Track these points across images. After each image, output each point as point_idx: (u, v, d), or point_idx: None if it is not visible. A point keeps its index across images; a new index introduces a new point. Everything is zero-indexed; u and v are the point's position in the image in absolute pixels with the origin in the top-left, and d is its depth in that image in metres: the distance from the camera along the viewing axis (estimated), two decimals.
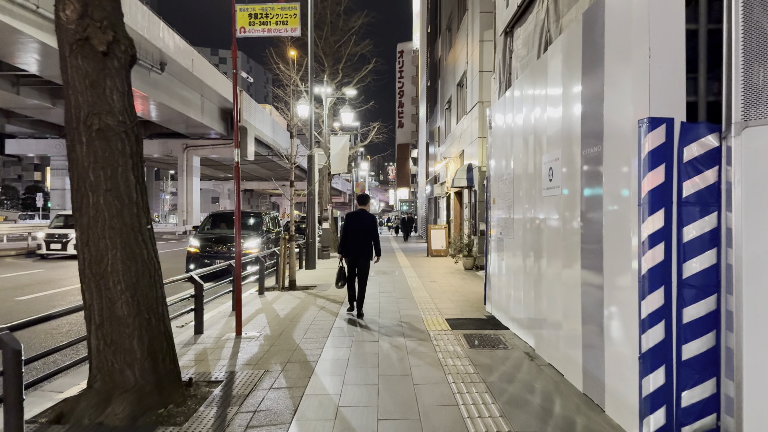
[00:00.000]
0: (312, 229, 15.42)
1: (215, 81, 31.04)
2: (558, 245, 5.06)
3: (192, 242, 14.14)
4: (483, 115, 14.47)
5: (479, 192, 14.52)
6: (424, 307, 8.75)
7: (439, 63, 25.69)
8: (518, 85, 6.64)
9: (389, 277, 13.10)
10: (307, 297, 9.99)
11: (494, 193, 7.89)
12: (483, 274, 13.45)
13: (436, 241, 19.41)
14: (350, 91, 19.83)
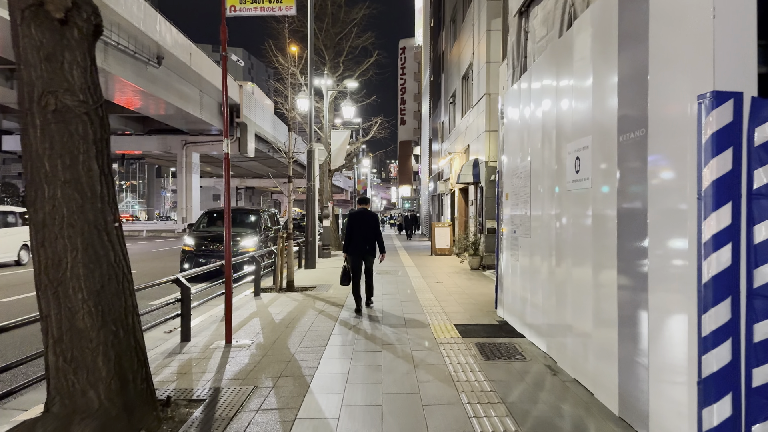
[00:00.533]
0: (312, 226, 14.82)
1: (214, 76, 30.42)
2: (587, 245, 4.45)
3: (186, 241, 13.55)
4: (490, 108, 13.85)
5: (486, 188, 13.91)
6: (431, 310, 8.15)
7: (442, 57, 25.05)
8: (536, 69, 6.02)
9: (392, 277, 12.49)
10: (306, 299, 9.40)
11: (507, 188, 7.27)
12: (491, 274, 12.87)
13: (440, 240, 18.80)
14: (351, 83, 19.20)
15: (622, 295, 3.80)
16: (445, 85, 23.39)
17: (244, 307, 8.72)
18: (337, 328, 6.92)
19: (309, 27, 14.48)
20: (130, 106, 28.75)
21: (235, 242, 13.36)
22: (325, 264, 15.89)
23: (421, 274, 13.11)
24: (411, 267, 14.79)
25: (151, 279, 13.00)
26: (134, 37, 22.01)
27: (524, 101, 6.44)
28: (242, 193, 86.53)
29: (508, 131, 7.34)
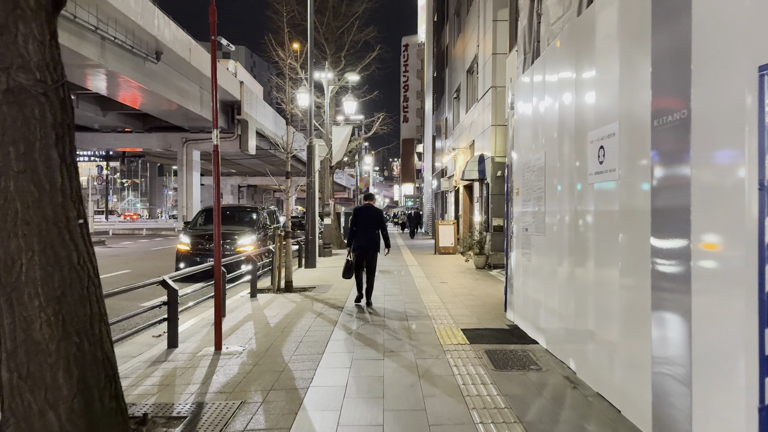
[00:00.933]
0: (312, 225, 14.36)
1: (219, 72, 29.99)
2: (613, 243, 3.98)
3: (182, 239, 13.11)
4: (496, 102, 13.37)
5: (492, 184, 13.42)
6: (436, 313, 7.68)
7: (446, 51, 24.56)
8: (551, 53, 5.55)
9: (395, 277, 12.03)
10: (304, 301, 8.94)
11: (518, 183, 6.80)
12: (497, 273, 12.40)
13: (444, 238, 18.33)
14: (353, 76, 18.73)
15: (658, 299, 3.32)
16: (449, 81, 22.90)
17: (239, 309, 8.27)
18: (335, 333, 6.46)
19: (309, 18, 14.01)
20: (129, 103, 28.32)
21: (232, 241, 12.93)
22: (325, 263, 15.44)
23: (425, 273, 12.64)
24: (414, 266, 14.32)
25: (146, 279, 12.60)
26: (132, 31, 21.57)
27: (537, 89, 5.96)
28: (244, 191, 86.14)
29: (519, 122, 6.86)
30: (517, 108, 6.90)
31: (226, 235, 13.06)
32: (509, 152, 7.45)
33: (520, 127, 6.81)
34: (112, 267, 15.45)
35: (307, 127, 14.78)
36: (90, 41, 19.66)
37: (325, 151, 16.21)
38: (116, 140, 37.75)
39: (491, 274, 12.41)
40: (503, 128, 13.35)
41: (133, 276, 13.37)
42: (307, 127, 14.63)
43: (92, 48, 19.79)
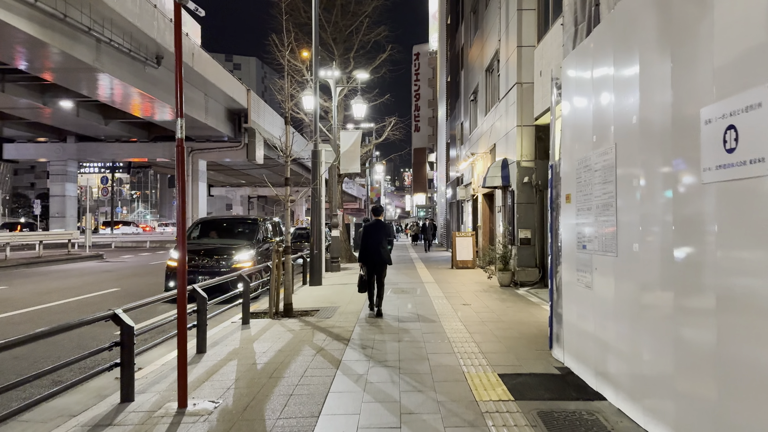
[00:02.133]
0: (317, 237, 12.99)
1: (219, 78, 28.84)
2: (754, 267, 2.55)
3: (172, 255, 11.79)
4: (522, 99, 11.96)
5: (519, 192, 11.98)
6: (462, 348, 6.24)
7: (461, 54, 23.24)
8: (624, 9, 4.15)
9: (410, 297, 10.60)
10: (304, 330, 7.53)
11: (569, 187, 5.38)
12: (527, 293, 10.93)
13: (462, 251, 16.87)
14: (362, 74, 17.40)
15: None
16: (465, 83, 21.54)
17: (225, 341, 6.89)
18: (337, 381, 5.04)
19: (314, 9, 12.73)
20: (129, 110, 27.25)
21: (228, 256, 11.58)
22: (333, 279, 14.04)
23: (444, 292, 11.20)
24: (431, 284, 12.88)
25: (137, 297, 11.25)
26: (129, 34, 20.46)
27: (601, 61, 4.56)
28: (254, 202, 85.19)
29: (569, 112, 5.45)
30: (567, 93, 5.50)
31: (220, 250, 11.73)
32: (554, 151, 6.04)
33: (570, 118, 5.40)
34: (100, 284, 14.18)
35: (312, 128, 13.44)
36: (84, 43, 18.56)
37: (332, 157, 14.89)
38: (120, 150, 36.77)
39: (519, 294, 10.94)
40: (530, 129, 11.94)
41: (120, 296, 12.07)
42: (313, 130, 13.30)
43: (86, 50, 18.68)
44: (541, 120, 11.06)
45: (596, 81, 4.68)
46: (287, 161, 9.20)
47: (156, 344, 5.74)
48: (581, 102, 5.06)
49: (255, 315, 8.89)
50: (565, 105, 5.55)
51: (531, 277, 11.85)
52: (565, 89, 5.56)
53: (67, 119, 30.60)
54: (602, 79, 4.56)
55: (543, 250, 11.87)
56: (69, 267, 19.78)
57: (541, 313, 8.62)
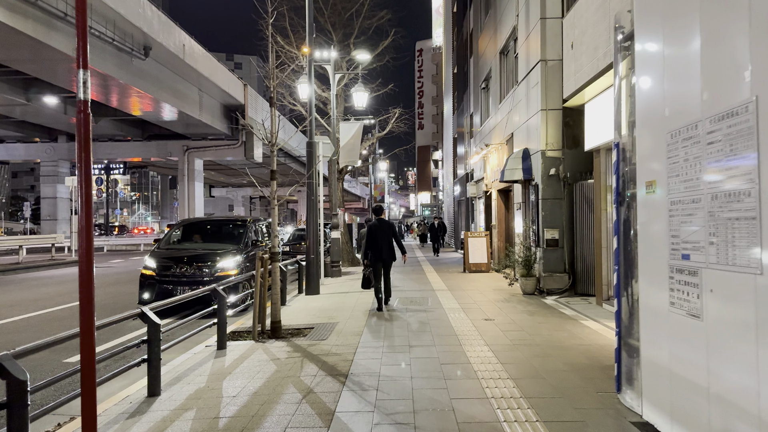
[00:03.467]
0: (314, 239, 11.46)
1: (213, 71, 27.34)
2: None
3: (147, 263, 10.27)
4: (546, 79, 10.40)
5: (543, 186, 10.43)
6: (497, 390, 4.70)
7: (469, 40, 21.68)
8: None
9: (420, 311, 9.05)
10: (291, 358, 6.01)
11: (651, 171, 3.82)
12: (556, 303, 9.35)
13: (475, 253, 15.32)
14: (362, 55, 15.79)
15: None
16: (474, 72, 19.98)
17: (188, 376, 5.37)
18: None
19: None
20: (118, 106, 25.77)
21: (211, 263, 10.07)
22: (332, 287, 12.52)
23: (460, 304, 9.65)
24: (443, 292, 11.33)
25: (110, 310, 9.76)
26: (112, 22, 18.98)
27: None
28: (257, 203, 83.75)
29: (651, 64, 3.89)
30: (646, 37, 3.93)
31: (203, 256, 10.22)
32: (620, 124, 4.48)
33: (653, 73, 3.84)
34: (75, 295, 12.68)
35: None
36: (60, 31, 17.09)
37: (330, 150, 13.37)
38: (114, 150, 35.31)
39: (548, 304, 9.38)
40: (556, 114, 10.38)
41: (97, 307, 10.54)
42: (308, 119, 11.78)
43: (63, 39, 17.21)
44: (573, 101, 9.50)
45: (707, 7, 3.13)
46: (273, 151, 7.68)
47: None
48: (676, 45, 3.50)
49: (236, 335, 7.39)
50: (643, 57, 3.99)
51: (559, 284, 10.30)
52: (641, 34, 4.00)
53: (54, 117, 29.20)
54: (719, 3, 3.01)
55: (573, 253, 10.32)
56: (49, 274, 18.32)
57: (582, 332, 7.07)
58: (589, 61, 8.19)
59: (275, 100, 7.73)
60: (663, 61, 3.66)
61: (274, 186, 7.68)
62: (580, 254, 10.22)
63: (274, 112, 7.67)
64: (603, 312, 8.58)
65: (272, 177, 7.68)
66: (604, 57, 7.62)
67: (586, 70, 8.35)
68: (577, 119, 10.25)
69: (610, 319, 7.90)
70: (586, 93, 9.00)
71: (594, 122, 8.98)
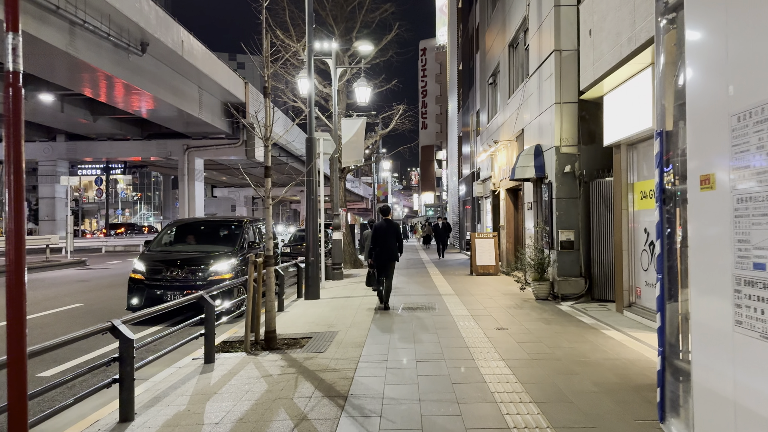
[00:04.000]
0: (313, 241, 10.85)
1: (214, 69, 26.76)
2: None
3: (136, 266, 9.67)
4: (562, 70, 9.78)
5: (557, 184, 9.80)
6: (518, 417, 4.08)
7: (475, 35, 21.06)
8: None
9: (427, 318, 8.43)
10: (285, 375, 5.40)
11: (708, 162, 3.20)
12: (572, 309, 8.69)
13: (482, 255, 14.68)
14: (365, 46, 15.16)
15: None
16: (481, 67, 19.35)
17: (168, 396, 4.77)
18: None
19: None
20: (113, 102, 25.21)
21: (205, 266, 9.47)
22: (334, 290, 11.91)
23: (469, 310, 9.02)
24: (450, 296, 10.70)
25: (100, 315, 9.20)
26: (107, 16, 18.42)
27: None
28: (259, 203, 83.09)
29: (709, 29, 3.26)
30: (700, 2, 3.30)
31: (195, 259, 9.62)
32: (663, 109, 3.86)
33: (715, 38, 3.21)
34: (64, 299, 12.13)
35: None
36: (53, 25, 16.53)
37: (331, 147, 12.76)
38: (113, 149, 34.79)
39: (564, 311, 8.75)
40: (572, 107, 9.76)
41: (76, 315, 10.01)
42: (307, 111, 11.17)
43: (56, 33, 16.65)
44: (590, 93, 8.86)
45: None
46: (267, 146, 7.08)
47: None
48: (744, 3, 2.87)
49: (228, 346, 6.80)
50: (695, 26, 3.36)
51: (575, 289, 9.67)
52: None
53: (52, 115, 28.65)
54: None
55: (589, 256, 9.69)
56: (41, 276, 17.75)
57: (606, 344, 6.44)
58: (611, 49, 7.56)
59: (270, 92, 7.12)
60: (725, 27, 3.03)
61: (268, 184, 7.08)
62: (598, 257, 9.58)
63: (268, 103, 7.07)
64: (625, 320, 7.95)
65: (266, 174, 7.07)
66: (628, 43, 6.99)
67: (606, 59, 7.72)
68: (593, 113, 9.63)
69: (635, 329, 7.27)
70: (605, 84, 8.37)
71: (614, 115, 8.36)
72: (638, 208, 8.23)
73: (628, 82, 7.75)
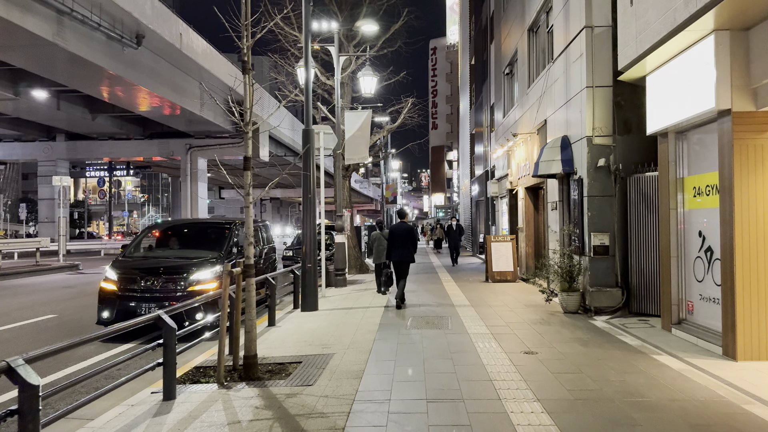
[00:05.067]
0: (311, 246, 9.63)
1: (215, 64, 25.62)
2: None
3: (108, 274, 8.49)
4: (594, 50, 8.51)
5: (589, 180, 8.53)
6: None
7: (490, 24, 19.79)
8: None
9: (439, 337, 7.18)
10: (259, 420, 4.19)
11: None
12: (609, 326, 7.31)
13: (499, 260, 13.41)
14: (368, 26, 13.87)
15: None
16: (497, 57, 18.06)
17: None
18: None
19: None
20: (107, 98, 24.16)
21: (185, 274, 8.28)
22: (336, 299, 10.70)
23: (488, 326, 7.75)
24: (465, 308, 9.43)
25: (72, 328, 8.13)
26: (98, 5, 17.31)
27: None
28: (267, 205, 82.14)
29: None
30: None
31: (174, 267, 8.43)
32: None
33: None
34: (40, 307, 11.05)
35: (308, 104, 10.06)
36: (38, 13, 15.44)
37: (333, 142, 11.56)
38: (114, 149, 33.83)
39: (600, 328, 7.46)
40: (605, 92, 8.49)
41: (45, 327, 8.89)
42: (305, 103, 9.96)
43: (41, 22, 15.56)
44: (630, 73, 7.56)
45: None
46: (248, 132, 5.90)
47: None
48: None
49: (200, 374, 5.64)
50: None
51: (610, 301, 8.38)
52: None
53: (51, 114, 27.70)
54: None
55: (626, 263, 8.40)
56: (26, 282, 16.70)
57: (663, 375, 5.16)
58: (660, 15, 6.28)
59: (249, 67, 5.94)
60: None
61: (248, 177, 5.89)
62: (636, 264, 8.29)
63: (248, 80, 5.88)
64: (675, 341, 6.66)
65: (246, 166, 5.89)
66: (686, 5, 5.71)
67: (654, 28, 6.44)
68: (631, 98, 8.36)
69: (691, 353, 5.99)
70: (649, 61, 7.08)
71: (660, 98, 7.07)
72: (690, 207, 6.94)
73: (680, 56, 6.48)
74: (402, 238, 9.79)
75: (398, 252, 9.77)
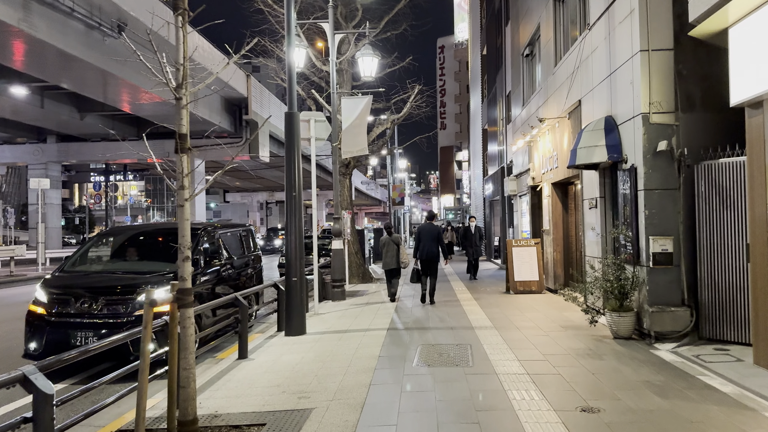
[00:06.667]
0: (296, 254, 7.82)
1: (208, 59, 24.02)
2: None
3: (38, 295, 6.74)
4: (649, 4, 6.66)
5: (646, 169, 6.69)
6: None
7: (504, 6, 17.94)
8: None
9: (459, 380, 5.35)
10: None
11: None
12: (678, 358, 5.24)
13: (522, 268, 11.56)
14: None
15: None
16: (513, 39, 16.23)
17: None
18: None
19: None
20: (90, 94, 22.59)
21: (133, 294, 6.52)
22: (329, 318, 8.90)
23: (522, 362, 5.90)
24: (488, 332, 7.58)
25: None
26: None
27: None
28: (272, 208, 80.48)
29: None
30: None
31: (116, 286, 6.68)
32: None
33: None
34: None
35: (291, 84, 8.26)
36: None
37: (326, 131, 9.76)
38: (107, 150, 32.26)
39: (670, 363, 5.61)
40: (666, 57, 6.66)
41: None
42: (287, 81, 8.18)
43: (3, 6, 13.91)
44: (704, 27, 5.73)
45: None
46: (181, 98, 4.16)
47: None
48: None
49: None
50: None
51: (675, 324, 6.52)
52: None
53: (33, 113, 26.14)
54: None
55: (695, 275, 6.55)
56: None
57: None
58: None
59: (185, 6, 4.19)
60: None
61: (184, 161, 4.16)
62: (708, 276, 6.43)
63: (181, 21, 4.11)
64: None
65: (178, 148, 4.14)
66: None
67: None
68: (695, 65, 6.56)
69: None
70: (733, 7, 5.26)
71: (751, 56, 5.24)
72: None
73: None
74: (429, 237, 10.38)
75: (426, 251, 10.28)
